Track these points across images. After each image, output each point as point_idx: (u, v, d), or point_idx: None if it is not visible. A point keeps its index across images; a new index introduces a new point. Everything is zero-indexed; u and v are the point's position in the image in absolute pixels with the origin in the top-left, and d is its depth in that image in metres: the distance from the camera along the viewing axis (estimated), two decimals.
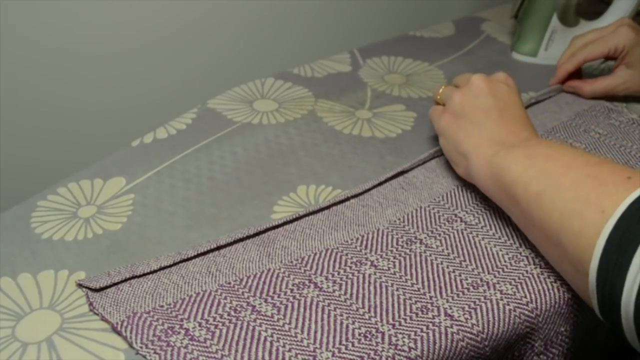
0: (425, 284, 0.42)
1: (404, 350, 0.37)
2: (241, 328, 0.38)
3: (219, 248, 0.44)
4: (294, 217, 0.47)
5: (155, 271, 0.42)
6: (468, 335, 0.38)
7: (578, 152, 0.40)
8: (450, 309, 0.39)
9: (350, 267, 0.43)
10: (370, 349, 0.37)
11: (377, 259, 0.44)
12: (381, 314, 0.39)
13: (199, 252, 0.43)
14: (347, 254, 0.44)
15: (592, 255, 0.34)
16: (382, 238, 0.46)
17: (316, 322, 0.39)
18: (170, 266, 0.43)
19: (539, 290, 0.41)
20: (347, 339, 0.37)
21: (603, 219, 0.34)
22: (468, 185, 0.51)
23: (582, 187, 0.36)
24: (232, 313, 0.39)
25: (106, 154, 0.55)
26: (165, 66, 0.80)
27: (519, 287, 0.41)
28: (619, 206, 0.33)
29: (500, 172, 0.42)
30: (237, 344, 0.37)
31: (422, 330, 0.38)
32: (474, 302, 0.40)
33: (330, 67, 0.72)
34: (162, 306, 0.39)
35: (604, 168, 0.37)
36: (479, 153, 0.45)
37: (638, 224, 0.32)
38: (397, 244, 0.45)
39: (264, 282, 0.41)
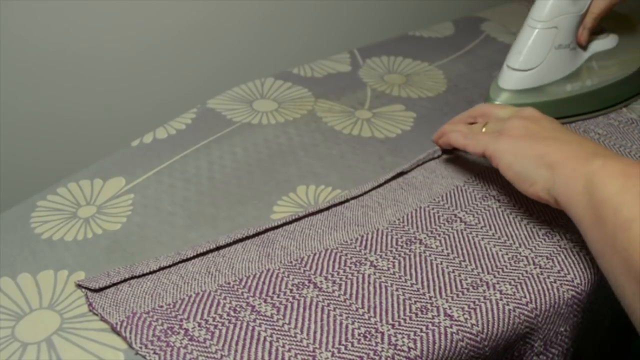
0: (425, 284, 0.42)
1: (403, 351, 0.37)
2: (241, 328, 0.38)
3: (218, 248, 0.44)
4: (294, 217, 0.47)
5: (154, 271, 0.42)
6: (467, 335, 0.38)
7: None
8: (450, 309, 0.39)
9: (350, 267, 0.43)
10: (369, 349, 0.37)
11: (376, 259, 0.44)
12: (381, 314, 0.39)
13: (199, 252, 0.43)
14: (346, 254, 0.44)
15: None
16: (381, 238, 0.46)
17: (316, 322, 0.39)
18: (169, 266, 0.43)
19: (538, 291, 0.41)
20: (346, 339, 0.37)
21: None
22: (468, 186, 0.51)
23: None
24: (232, 313, 0.39)
25: (106, 154, 0.55)
26: (165, 66, 0.80)
27: (519, 287, 0.41)
28: None
29: (593, 186, 0.38)
30: (236, 344, 0.37)
31: (421, 331, 0.38)
32: (474, 302, 0.40)
33: (330, 67, 0.72)
34: (161, 306, 0.39)
35: None
36: (569, 163, 0.41)
37: None
38: (396, 244, 0.45)
39: (264, 283, 0.41)
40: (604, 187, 0.38)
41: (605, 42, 0.61)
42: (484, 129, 0.50)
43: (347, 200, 0.50)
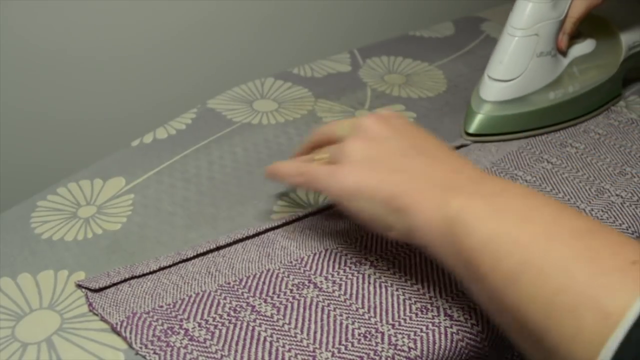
0: (426, 284, 0.42)
1: (403, 351, 0.37)
2: (241, 328, 0.38)
3: (218, 248, 0.44)
4: (294, 217, 0.47)
5: (154, 271, 0.42)
6: (468, 335, 0.38)
7: (558, 208, 0.31)
8: (450, 309, 0.39)
9: (350, 267, 0.43)
10: (370, 349, 0.37)
11: (377, 259, 0.44)
12: (381, 314, 0.39)
13: (199, 252, 0.43)
14: (347, 254, 0.44)
15: None
16: (382, 238, 0.46)
17: (316, 322, 0.39)
18: (169, 266, 0.43)
19: None
20: (346, 339, 0.37)
21: (608, 327, 0.25)
22: None
23: (572, 272, 0.27)
24: (232, 313, 0.39)
25: (106, 154, 0.55)
26: (165, 66, 0.80)
27: None
28: (626, 314, 0.25)
29: (458, 235, 0.32)
30: (236, 344, 0.37)
31: (421, 331, 0.38)
32: (475, 302, 0.40)
33: (330, 67, 0.72)
34: (161, 306, 0.39)
35: (597, 242, 0.28)
36: (422, 206, 0.34)
37: None
38: (397, 244, 0.45)
39: (264, 283, 0.41)
40: (472, 235, 0.31)
41: (583, 47, 0.61)
42: (316, 158, 0.42)
43: None
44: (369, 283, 0.42)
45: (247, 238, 0.45)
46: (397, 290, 0.41)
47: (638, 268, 0.26)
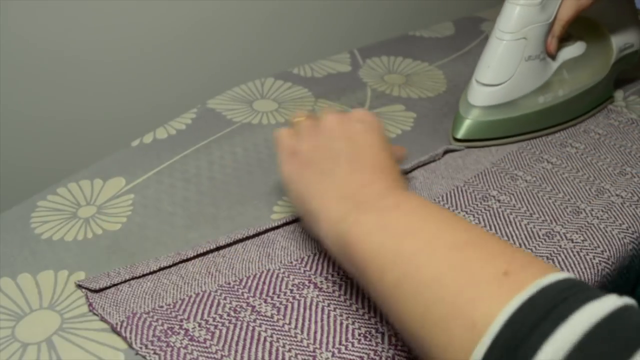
0: None
1: (404, 351, 0.37)
2: (241, 328, 0.38)
3: (218, 249, 0.44)
4: (294, 217, 0.47)
5: (154, 272, 0.42)
6: None
7: (446, 217, 0.32)
8: None
9: None
10: (370, 349, 0.37)
11: None
12: (381, 314, 0.39)
13: (199, 252, 0.43)
14: None
15: None
16: None
17: (316, 322, 0.39)
18: (169, 267, 0.43)
19: None
20: (347, 339, 0.37)
21: (473, 337, 0.25)
22: (468, 186, 0.51)
23: (446, 284, 0.28)
24: (232, 313, 0.39)
25: (106, 154, 0.55)
26: (165, 66, 0.80)
27: None
28: (493, 321, 0.25)
29: (350, 246, 0.34)
30: (236, 345, 0.37)
31: None
32: None
33: (330, 67, 0.72)
34: (161, 307, 0.39)
35: (474, 254, 0.29)
36: (325, 215, 0.36)
37: (516, 350, 0.24)
38: None
39: (264, 283, 0.41)
40: (360, 246, 0.33)
41: (573, 49, 0.60)
42: (294, 121, 0.45)
43: None
44: None
45: (247, 238, 0.45)
46: None
47: (509, 280, 0.26)
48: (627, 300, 0.25)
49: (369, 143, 0.40)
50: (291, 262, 0.43)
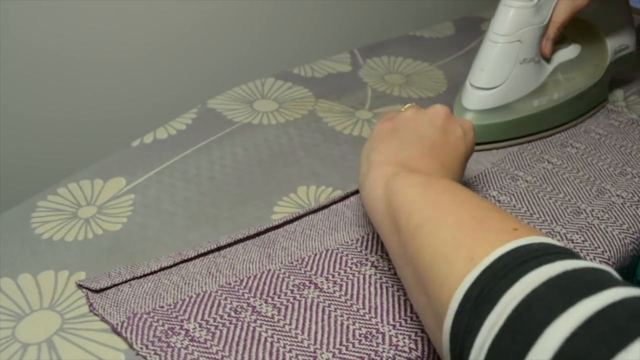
0: None
1: (404, 351, 0.37)
2: (241, 329, 0.38)
3: (219, 249, 0.44)
4: (294, 217, 0.47)
5: (155, 272, 0.42)
6: None
7: (478, 196, 0.35)
8: None
9: (351, 268, 0.43)
10: (370, 350, 0.37)
11: (377, 260, 0.43)
12: (382, 315, 0.39)
13: (200, 252, 0.43)
14: (347, 255, 0.44)
15: (448, 311, 0.28)
16: None
17: (317, 322, 0.39)
18: (170, 267, 0.43)
19: None
20: (347, 340, 0.37)
21: (468, 268, 0.28)
22: (468, 187, 0.51)
23: (462, 227, 0.31)
24: (233, 314, 0.39)
25: (106, 154, 0.55)
26: (165, 67, 0.80)
27: None
28: (488, 255, 0.28)
29: (392, 194, 0.37)
30: (237, 345, 0.37)
31: (422, 331, 0.38)
32: None
33: (330, 67, 0.72)
34: (162, 307, 0.39)
35: (494, 215, 0.32)
36: (381, 168, 0.40)
37: (501, 280, 0.26)
38: None
39: (264, 283, 0.41)
40: (400, 194, 0.36)
41: (568, 52, 0.59)
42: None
43: (347, 196, 0.50)
44: (370, 283, 0.41)
45: (248, 238, 0.45)
46: (397, 290, 0.41)
47: (515, 233, 0.29)
48: (607, 268, 0.27)
49: (456, 149, 0.43)
50: (292, 263, 0.43)
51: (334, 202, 0.49)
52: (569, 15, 0.54)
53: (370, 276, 0.42)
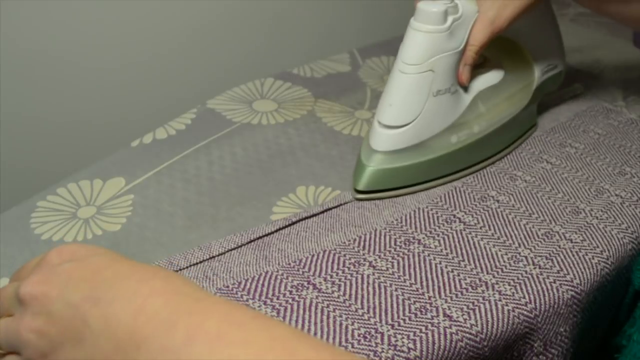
0: (424, 283, 0.42)
1: (403, 351, 0.37)
2: None
3: (211, 258, 0.44)
4: (288, 222, 0.47)
5: None
6: (467, 335, 0.38)
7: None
8: (449, 309, 0.40)
9: (349, 268, 0.43)
10: (369, 350, 0.37)
11: (375, 260, 0.44)
12: (380, 315, 0.39)
13: (191, 263, 0.43)
14: (344, 255, 0.44)
15: None
16: (379, 238, 0.46)
17: (315, 323, 0.39)
18: None
19: (537, 291, 0.41)
20: (346, 340, 0.37)
21: None
22: (466, 187, 0.51)
23: None
24: None
25: (105, 154, 0.55)
26: (165, 67, 0.80)
27: (518, 287, 0.41)
28: None
29: None
30: None
31: (421, 331, 0.38)
32: (473, 303, 0.40)
33: (329, 67, 0.72)
34: None
35: None
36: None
37: None
38: (395, 244, 0.45)
39: (263, 285, 0.41)
40: None
41: (489, 77, 0.53)
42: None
43: (345, 203, 0.50)
44: (368, 283, 0.42)
45: (242, 245, 0.45)
46: (395, 290, 0.41)
47: None
48: None
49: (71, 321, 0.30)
50: (289, 264, 0.43)
51: (329, 208, 0.49)
52: (487, 38, 0.48)
53: (368, 276, 0.42)
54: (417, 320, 0.39)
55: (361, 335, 0.38)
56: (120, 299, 0.28)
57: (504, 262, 0.43)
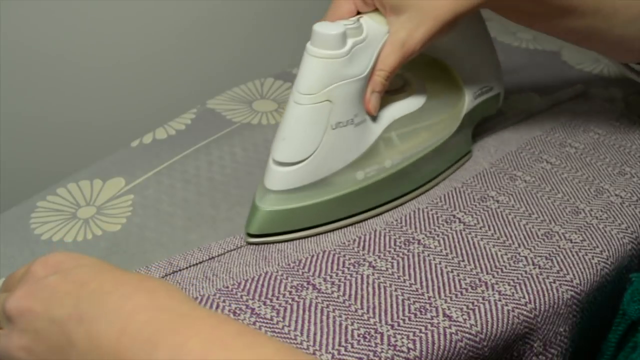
0: (424, 284, 0.42)
1: (403, 351, 0.37)
2: None
3: (211, 258, 0.44)
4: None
5: None
6: (467, 335, 0.38)
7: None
8: (449, 309, 0.40)
9: (348, 268, 0.43)
10: (369, 350, 0.37)
11: (375, 260, 0.44)
12: (380, 315, 0.39)
13: (191, 263, 0.43)
14: (344, 255, 0.44)
15: None
16: (379, 239, 0.46)
17: (315, 323, 0.39)
18: (163, 277, 0.43)
19: (537, 291, 0.41)
20: (346, 340, 0.37)
21: None
22: (466, 187, 0.51)
23: None
24: (232, 316, 0.39)
25: (105, 154, 0.55)
26: (165, 67, 0.80)
27: (518, 287, 0.41)
28: None
29: None
30: None
31: (420, 331, 0.38)
32: (472, 303, 0.40)
33: None
34: None
35: None
36: None
37: None
38: (394, 244, 0.45)
39: (262, 285, 0.41)
40: None
41: (406, 104, 0.47)
42: None
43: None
44: (368, 283, 0.42)
45: (241, 246, 0.45)
46: (395, 290, 0.41)
47: None
48: None
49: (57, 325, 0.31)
50: (288, 264, 0.43)
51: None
52: (398, 62, 0.43)
53: (367, 276, 0.42)
54: (416, 321, 0.39)
55: (361, 336, 0.38)
56: (104, 318, 0.28)
57: (504, 262, 0.43)
